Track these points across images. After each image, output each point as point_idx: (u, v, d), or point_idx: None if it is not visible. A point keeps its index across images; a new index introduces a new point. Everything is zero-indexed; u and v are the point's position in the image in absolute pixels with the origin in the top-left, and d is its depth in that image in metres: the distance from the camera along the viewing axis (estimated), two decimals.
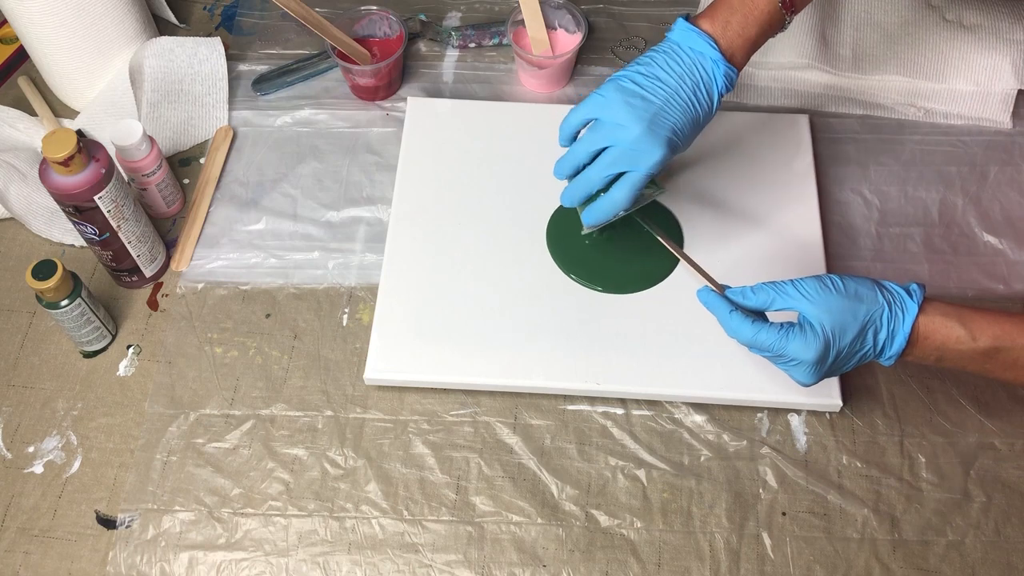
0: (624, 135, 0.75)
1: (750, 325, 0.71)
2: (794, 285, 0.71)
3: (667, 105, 0.75)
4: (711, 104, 0.77)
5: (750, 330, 0.71)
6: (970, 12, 1.00)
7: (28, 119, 1.01)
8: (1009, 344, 0.70)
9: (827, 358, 0.70)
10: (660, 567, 0.77)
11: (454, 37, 1.07)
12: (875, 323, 0.70)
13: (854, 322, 0.70)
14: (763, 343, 0.71)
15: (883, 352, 0.71)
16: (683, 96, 0.76)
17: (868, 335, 0.70)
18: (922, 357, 0.72)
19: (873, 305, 0.70)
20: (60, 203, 0.81)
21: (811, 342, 0.69)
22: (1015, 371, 0.71)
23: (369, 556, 0.78)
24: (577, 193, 0.80)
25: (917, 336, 0.71)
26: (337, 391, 0.86)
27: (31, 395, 0.86)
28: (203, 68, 1.02)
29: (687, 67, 0.76)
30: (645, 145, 0.75)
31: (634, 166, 0.76)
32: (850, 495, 0.80)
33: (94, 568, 0.78)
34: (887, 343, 0.71)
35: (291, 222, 0.95)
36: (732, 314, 0.72)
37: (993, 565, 0.77)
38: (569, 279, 0.89)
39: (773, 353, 0.71)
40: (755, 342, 0.71)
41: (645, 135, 0.74)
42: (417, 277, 0.89)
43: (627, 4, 1.11)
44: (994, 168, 0.97)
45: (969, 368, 0.72)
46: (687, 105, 0.76)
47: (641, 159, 0.75)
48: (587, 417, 0.84)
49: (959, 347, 0.71)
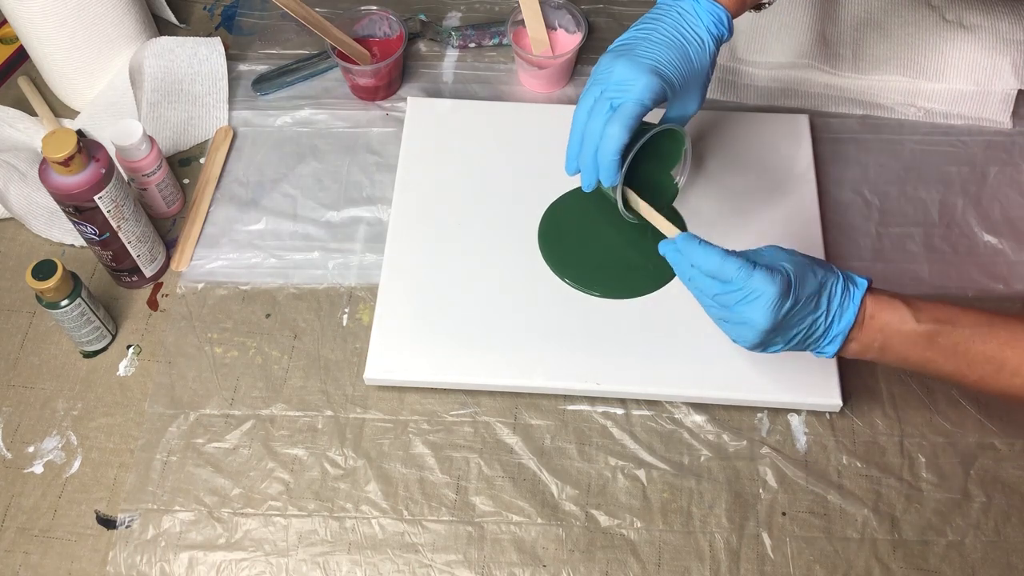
0: (609, 75, 0.76)
1: (719, 251, 0.71)
2: (752, 251, 0.72)
3: (645, 42, 0.76)
4: (702, 41, 0.77)
5: (718, 255, 0.70)
6: (970, 12, 1.00)
7: (28, 119, 1.01)
8: (951, 325, 0.70)
9: (787, 299, 0.69)
10: (660, 567, 0.77)
11: (454, 37, 1.07)
12: (830, 288, 0.71)
13: (813, 279, 0.70)
14: (728, 271, 0.69)
15: (832, 327, 0.71)
16: (664, 32, 0.77)
17: (823, 297, 0.70)
18: (867, 344, 0.71)
19: (829, 273, 0.71)
20: (60, 203, 0.81)
21: (776, 276, 0.69)
22: (956, 361, 0.70)
23: (369, 556, 0.78)
24: (587, 157, 0.77)
25: (864, 316, 0.71)
26: (337, 391, 0.86)
27: (31, 395, 0.86)
28: (203, 68, 1.02)
29: (665, 11, 0.78)
30: (628, 74, 0.75)
31: (623, 97, 0.75)
32: (850, 495, 0.80)
33: (94, 568, 0.78)
34: (837, 315, 0.70)
35: (291, 222, 0.95)
36: (701, 242, 0.72)
37: (993, 565, 0.77)
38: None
39: (735, 286, 0.70)
40: (722, 269, 0.70)
41: (626, 66, 0.75)
42: (417, 277, 0.89)
43: (627, 4, 1.11)
44: (994, 168, 0.97)
45: (912, 358, 0.71)
46: (670, 40, 0.76)
47: (627, 88, 0.75)
48: (587, 417, 0.84)
49: (903, 327, 0.70)
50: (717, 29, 0.77)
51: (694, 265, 0.72)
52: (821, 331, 0.71)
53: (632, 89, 0.75)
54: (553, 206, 0.93)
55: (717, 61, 1.01)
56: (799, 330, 0.71)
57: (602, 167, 0.76)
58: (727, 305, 0.71)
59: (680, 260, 0.73)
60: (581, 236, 0.91)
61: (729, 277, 0.70)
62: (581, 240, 0.90)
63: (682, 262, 0.73)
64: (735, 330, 0.72)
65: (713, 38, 0.78)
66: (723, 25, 0.78)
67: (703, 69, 0.78)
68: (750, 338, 0.71)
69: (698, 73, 0.78)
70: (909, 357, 0.71)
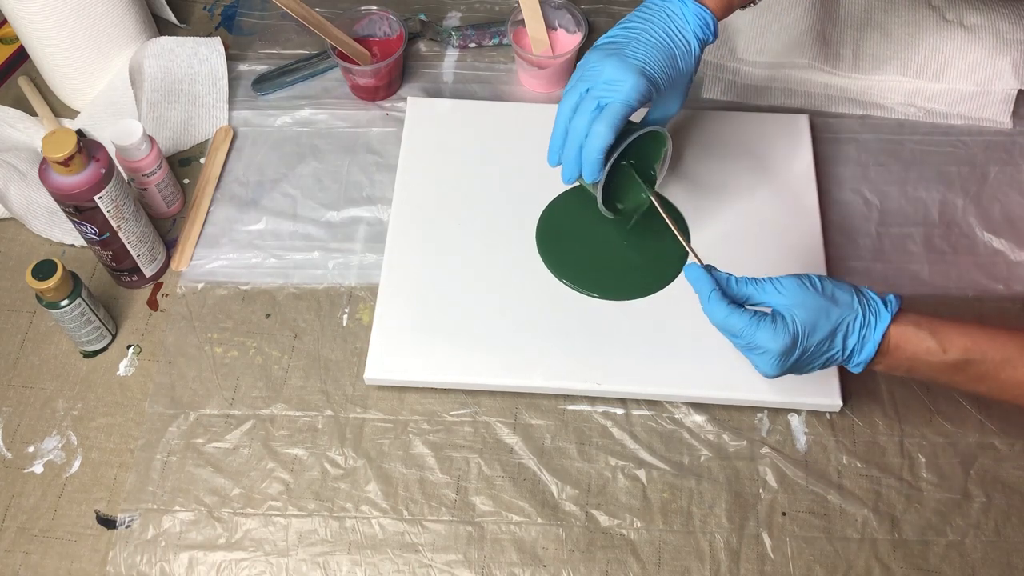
0: (596, 73, 0.76)
1: (725, 307, 0.72)
2: (772, 282, 0.72)
3: (635, 42, 0.77)
4: (688, 44, 0.78)
5: (723, 312, 0.72)
6: (970, 12, 1.00)
7: (28, 119, 1.01)
8: (979, 357, 0.70)
9: (792, 352, 0.71)
10: (660, 567, 0.77)
11: (454, 37, 1.07)
12: (846, 327, 0.71)
13: (826, 322, 0.71)
14: (733, 327, 0.71)
15: (852, 358, 0.72)
16: (652, 34, 0.77)
17: (838, 338, 0.71)
18: (893, 367, 0.73)
19: (848, 310, 0.71)
20: (60, 203, 0.81)
21: (779, 334, 0.70)
22: (984, 384, 0.72)
23: (369, 556, 0.78)
24: (570, 152, 0.78)
25: (888, 346, 0.71)
26: (337, 391, 0.86)
27: (31, 395, 0.86)
28: (203, 68, 1.02)
29: (653, 11, 0.78)
30: (617, 74, 0.75)
31: (610, 97, 0.76)
32: (850, 495, 0.80)
33: (94, 568, 0.78)
34: (856, 349, 0.72)
35: (291, 222, 0.95)
36: (712, 294, 0.73)
37: (993, 565, 0.77)
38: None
39: (741, 340, 0.72)
40: (726, 325, 0.72)
41: (616, 66, 0.75)
42: (417, 277, 0.89)
43: (627, 4, 1.11)
44: (994, 168, 0.97)
45: (939, 380, 0.73)
46: (658, 42, 0.77)
47: (615, 88, 0.75)
48: (587, 417, 0.84)
49: (929, 359, 0.71)
50: (703, 33, 0.78)
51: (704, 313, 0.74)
52: (840, 359, 0.73)
53: (620, 89, 0.75)
54: (549, 208, 0.92)
55: (719, 62, 1.02)
56: (815, 366, 0.73)
57: (586, 164, 0.78)
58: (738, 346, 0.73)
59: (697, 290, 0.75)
60: (578, 237, 0.91)
61: (734, 331, 0.72)
62: (579, 241, 0.90)
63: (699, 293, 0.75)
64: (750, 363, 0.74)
65: (699, 42, 0.79)
66: (709, 29, 0.79)
67: (687, 72, 0.79)
68: (764, 374, 0.73)
69: (682, 75, 0.79)
70: (936, 379, 0.73)
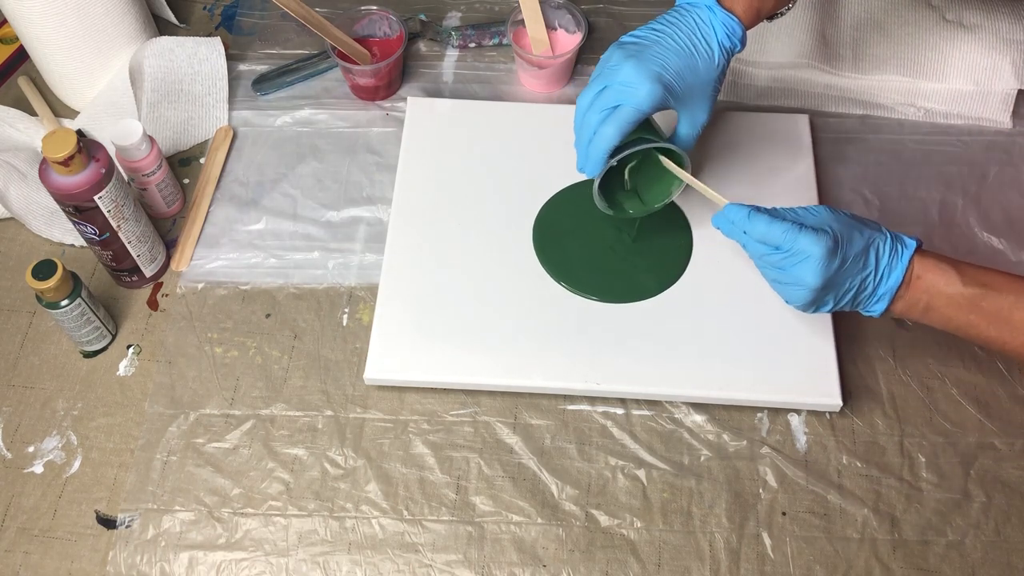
0: (616, 73, 0.76)
1: (766, 219, 0.73)
2: (804, 208, 0.75)
3: (657, 46, 0.77)
4: (711, 53, 0.78)
5: (765, 222, 0.73)
6: (970, 12, 1.00)
7: (28, 119, 1.01)
8: (996, 290, 0.72)
9: (835, 258, 0.71)
10: (660, 567, 0.77)
11: (454, 37, 1.07)
12: (878, 246, 0.73)
13: (860, 238, 0.73)
14: (776, 234, 0.72)
15: (880, 284, 0.73)
16: (677, 40, 0.77)
17: (871, 256, 0.73)
18: (912, 303, 0.74)
19: (877, 233, 0.74)
20: (60, 203, 0.81)
21: (822, 238, 0.71)
22: (999, 326, 0.72)
23: (369, 556, 0.78)
24: (580, 145, 0.79)
25: (911, 275, 0.73)
26: (337, 391, 0.86)
27: (31, 395, 0.86)
28: (203, 68, 1.02)
29: (681, 16, 0.78)
30: (633, 78, 0.75)
31: (623, 100, 0.76)
32: (850, 495, 0.80)
33: (94, 568, 0.78)
34: (886, 272, 0.73)
35: (291, 222, 0.95)
36: (752, 211, 0.74)
37: (993, 565, 0.77)
38: None
39: (783, 249, 0.72)
40: (769, 233, 0.73)
41: (633, 70, 0.75)
42: (417, 277, 0.89)
43: (627, 4, 1.11)
44: (994, 168, 0.97)
45: (955, 320, 0.73)
46: (681, 48, 0.77)
47: (630, 92, 0.76)
48: (587, 417, 0.84)
49: (948, 289, 0.72)
50: (730, 42, 0.78)
51: (746, 232, 0.75)
52: (870, 289, 0.74)
53: (634, 94, 0.75)
54: (543, 211, 0.92)
55: None
56: (849, 287, 0.74)
57: (590, 160, 0.78)
58: (779, 267, 0.74)
59: (732, 229, 0.76)
60: (574, 238, 0.90)
61: (776, 241, 0.73)
62: (575, 243, 0.90)
63: (734, 230, 0.76)
64: (788, 290, 0.75)
65: (724, 51, 0.78)
66: (736, 38, 0.78)
67: (709, 81, 0.79)
68: (803, 296, 0.74)
69: (703, 84, 0.79)
70: (952, 319, 0.74)
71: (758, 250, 0.75)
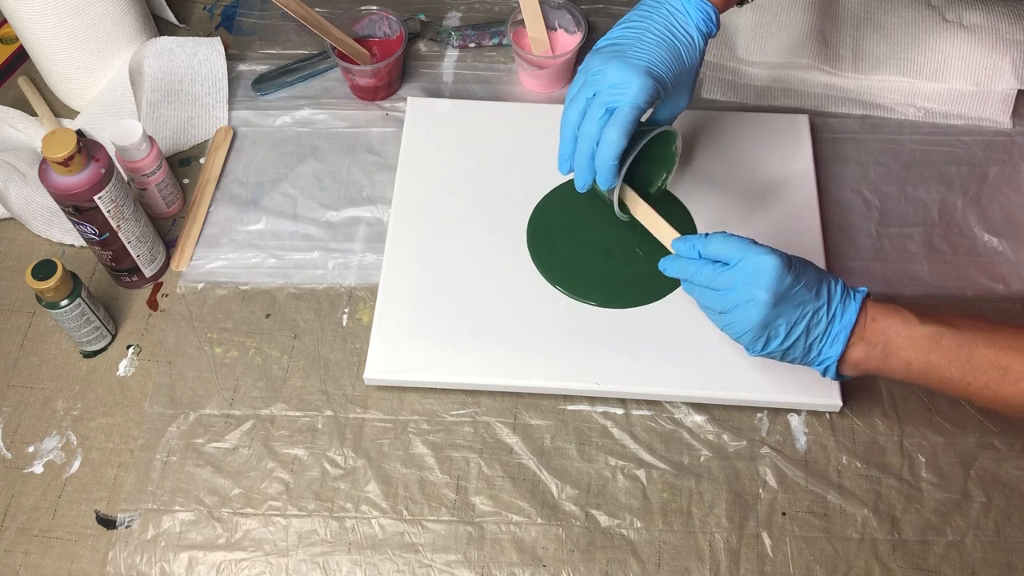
0: (603, 78, 0.76)
1: (722, 234, 0.73)
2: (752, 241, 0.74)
3: (637, 42, 0.76)
4: (692, 40, 0.78)
5: (720, 236, 0.73)
6: (970, 12, 1.00)
7: (28, 119, 1.01)
8: (955, 327, 0.70)
9: (787, 274, 0.70)
10: (660, 567, 0.77)
11: (454, 37, 1.07)
12: (830, 283, 0.72)
13: (813, 270, 0.72)
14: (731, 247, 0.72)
15: (834, 321, 0.71)
16: (656, 32, 0.77)
17: (824, 288, 0.71)
18: (871, 344, 0.71)
19: (828, 275, 0.73)
20: (60, 203, 0.81)
21: (774, 252, 0.71)
22: (960, 365, 0.70)
23: (369, 556, 0.78)
24: (582, 159, 0.78)
25: (865, 319, 0.71)
26: (337, 391, 0.86)
27: (31, 395, 0.86)
28: (203, 68, 1.02)
29: (653, 8, 0.78)
30: (623, 76, 0.75)
31: (618, 101, 0.75)
32: (850, 495, 0.80)
33: (94, 568, 0.78)
34: (839, 311, 0.71)
35: (291, 222, 0.95)
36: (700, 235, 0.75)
37: (993, 565, 0.77)
38: None
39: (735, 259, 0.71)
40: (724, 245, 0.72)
41: (621, 68, 0.75)
42: (417, 277, 0.89)
43: (627, 4, 1.10)
44: (994, 168, 0.97)
45: (916, 363, 0.71)
46: (661, 39, 0.77)
47: (623, 91, 0.75)
48: (587, 417, 0.84)
49: (906, 330, 0.71)
50: (706, 26, 0.78)
51: (701, 254, 0.74)
52: (824, 325, 0.71)
53: (628, 93, 0.75)
54: (534, 214, 0.92)
55: (719, 62, 1.02)
56: (802, 315, 0.71)
57: (600, 171, 0.77)
58: (729, 286, 0.72)
59: (681, 264, 0.75)
60: (571, 242, 0.90)
61: (730, 255, 0.72)
62: (572, 246, 0.90)
63: (684, 266, 0.75)
64: (737, 317, 0.72)
65: (702, 35, 0.78)
66: (712, 22, 0.78)
67: (693, 67, 0.79)
68: (753, 318, 0.71)
69: (688, 71, 0.79)
70: (912, 363, 0.71)
71: (708, 273, 0.73)
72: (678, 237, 0.77)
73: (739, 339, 0.73)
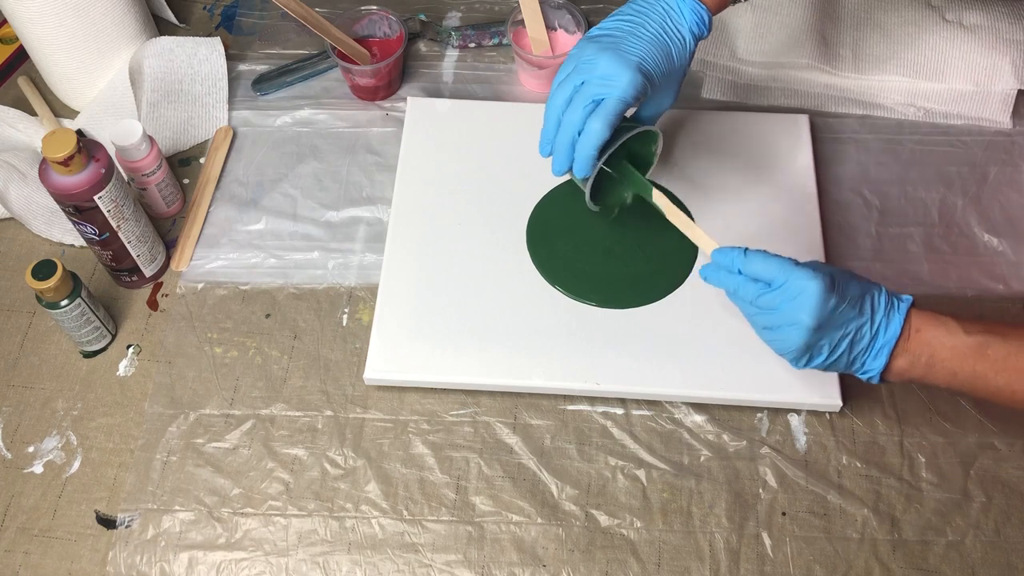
0: (592, 67, 0.76)
1: (763, 253, 0.72)
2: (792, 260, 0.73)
3: (632, 36, 0.76)
4: (683, 40, 0.78)
5: (761, 257, 0.72)
6: (970, 12, 1.00)
7: (28, 119, 1.01)
8: (1000, 336, 0.70)
9: (831, 295, 0.69)
10: (660, 567, 0.77)
11: (454, 37, 1.07)
12: (873, 296, 0.71)
13: (856, 284, 0.71)
14: (772, 269, 0.71)
15: (878, 335, 0.71)
16: (649, 28, 0.77)
17: (867, 303, 0.70)
18: (915, 356, 0.71)
19: (872, 285, 0.72)
20: (60, 203, 0.81)
21: (819, 273, 0.70)
22: (1008, 374, 0.69)
23: (369, 556, 0.78)
24: (562, 145, 0.77)
25: (910, 330, 0.71)
26: (337, 391, 0.86)
27: (31, 395, 0.86)
28: (203, 68, 1.02)
29: (649, 5, 0.78)
30: (613, 69, 0.75)
31: (606, 92, 0.75)
32: (850, 495, 0.80)
33: (94, 568, 0.78)
34: (883, 324, 0.70)
35: (291, 222, 0.95)
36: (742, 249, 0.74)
37: (993, 565, 0.77)
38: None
39: (778, 282, 0.71)
40: (766, 268, 0.71)
41: (612, 61, 0.75)
42: (417, 277, 0.89)
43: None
44: (994, 168, 0.97)
45: (961, 372, 0.70)
46: (654, 36, 0.77)
47: (612, 84, 0.75)
48: (587, 417, 0.84)
49: (950, 340, 0.70)
50: (698, 28, 0.78)
51: (741, 271, 0.73)
52: (867, 340, 0.71)
53: (617, 85, 0.75)
54: (535, 213, 0.92)
55: (719, 62, 1.02)
56: (845, 334, 0.71)
57: (578, 160, 0.77)
58: (772, 307, 0.71)
59: (725, 270, 0.75)
60: (571, 242, 0.90)
61: (772, 276, 0.71)
62: (572, 246, 0.90)
63: (724, 274, 0.74)
64: (781, 334, 0.72)
65: (694, 37, 0.78)
66: (704, 24, 0.78)
67: (682, 67, 0.79)
68: (797, 338, 0.70)
69: (677, 71, 0.79)
70: (958, 373, 0.70)
71: (751, 291, 0.72)
72: (718, 248, 0.76)
73: (781, 355, 0.74)
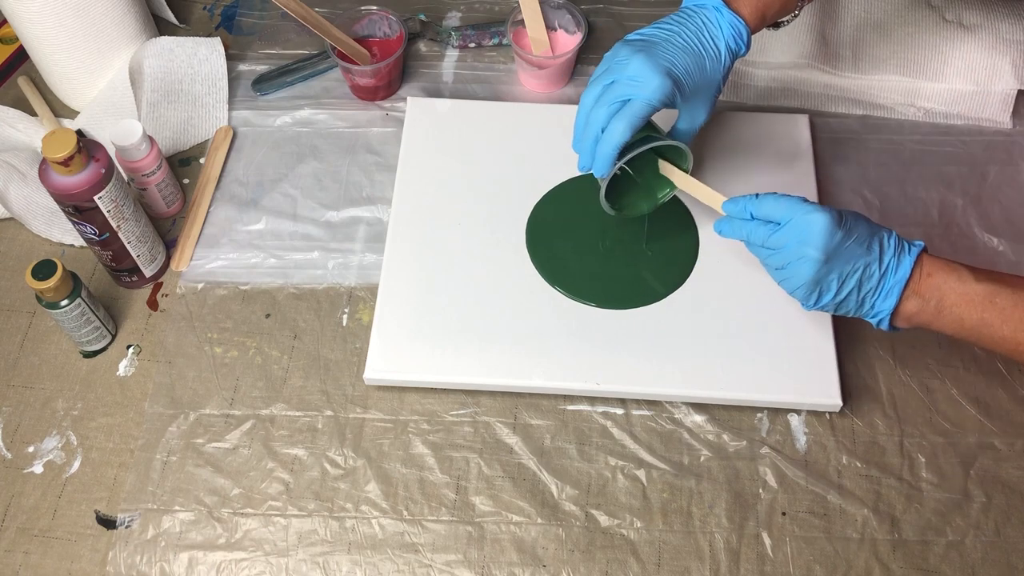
0: (623, 68, 0.76)
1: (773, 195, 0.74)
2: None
3: (667, 43, 0.77)
4: (719, 53, 0.78)
5: (772, 197, 0.74)
6: (970, 12, 1.00)
7: (28, 119, 1.01)
8: (1010, 287, 0.71)
9: (838, 229, 0.71)
10: (660, 567, 0.77)
11: (454, 37, 1.07)
12: (883, 237, 0.73)
13: (866, 225, 0.73)
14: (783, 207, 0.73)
15: (887, 275, 0.72)
16: (684, 37, 0.77)
17: (875, 243, 0.72)
18: (924, 299, 0.72)
19: (883, 228, 0.74)
20: (60, 203, 0.81)
21: (824, 208, 0.72)
22: (1013, 324, 0.71)
23: (369, 556, 0.78)
24: (586, 142, 0.78)
25: (920, 273, 0.72)
26: (337, 391, 0.86)
27: (31, 395, 0.86)
28: (203, 68, 1.02)
29: (689, 16, 0.79)
30: (643, 71, 0.75)
31: (633, 93, 0.76)
32: (850, 495, 0.80)
33: (94, 568, 0.78)
34: (892, 265, 0.72)
35: (291, 222, 0.95)
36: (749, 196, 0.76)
37: (993, 565, 0.77)
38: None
39: (787, 218, 0.72)
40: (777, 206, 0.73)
41: (643, 63, 0.75)
42: (417, 277, 0.89)
43: (627, 4, 1.11)
44: (994, 168, 0.97)
45: (968, 319, 0.72)
46: (688, 46, 0.77)
47: (640, 85, 0.75)
48: (587, 417, 0.84)
49: (961, 286, 0.71)
50: (735, 44, 0.79)
51: (753, 216, 0.75)
52: (876, 279, 0.72)
53: (644, 87, 0.75)
54: (535, 213, 0.92)
55: None
56: (853, 269, 0.72)
57: (598, 157, 0.78)
58: (782, 245, 0.73)
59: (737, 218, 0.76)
60: (571, 242, 0.90)
61: (782, 214, 0.73)
62: (572, 247, 0.90)
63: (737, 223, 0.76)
64: (790, 273, 0.73)
65: (730, 52, 0.79)
66: (742, 40, 0.79)
67: (715, 81, 0.80)
68: (805, 274, 0.72)
69: (709, 84, 0.79)
70: (965, 319, 0.72)
71: (762, 233, 0.74)
72: (728, 200, 0.78)
73: (793, 293, 0.75)
